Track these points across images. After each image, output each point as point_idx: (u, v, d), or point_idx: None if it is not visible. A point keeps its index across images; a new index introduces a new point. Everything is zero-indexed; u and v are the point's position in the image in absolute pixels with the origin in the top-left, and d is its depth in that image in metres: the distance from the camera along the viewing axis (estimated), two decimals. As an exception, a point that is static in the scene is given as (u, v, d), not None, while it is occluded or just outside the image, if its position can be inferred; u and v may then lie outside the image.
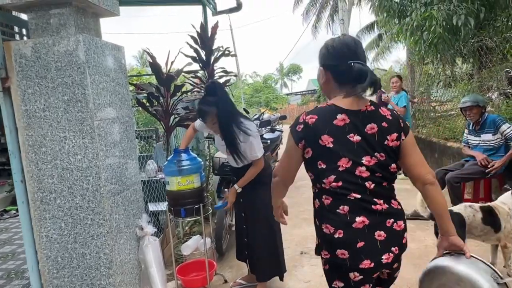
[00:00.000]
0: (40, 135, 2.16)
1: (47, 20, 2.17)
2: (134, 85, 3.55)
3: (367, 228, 1.33)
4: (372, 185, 1.34)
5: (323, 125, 1.32)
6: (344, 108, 1.33)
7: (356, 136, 1.32)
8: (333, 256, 1.37)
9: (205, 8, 7.16)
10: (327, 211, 1.38)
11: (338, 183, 1.33)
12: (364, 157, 1.33)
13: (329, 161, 1.34)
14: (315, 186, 1.43)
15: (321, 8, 21.05)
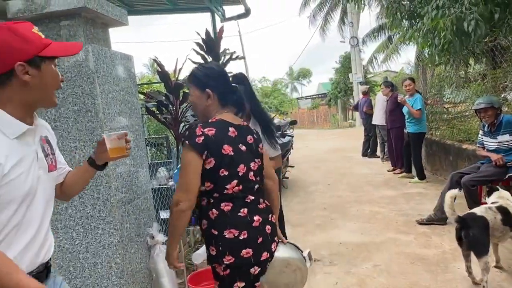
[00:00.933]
0: (51, 146, 2.18)
1: (57, 32, 2.20)
2: (144, 94, 3.57)
3: (261, 225, 1.54)
4: (257, 186, 1.59)
5: (222, 136, 1.49)
6: (232, 123, 1.56)
7: (243, 146, 1.55)
8: (238, 258, 1.48)
9: (213, 15, 7.21)
10: (229, 217, 1.51)
11: (239, 187, 1.51)
12: (251, 163, 1.56)
13: (231, 168, 1.50)
14: (212, 196, 1.52)
15: (329, 10, 21.00)
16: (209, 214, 1.51)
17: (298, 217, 4.60)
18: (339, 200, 5.23)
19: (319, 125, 27.46)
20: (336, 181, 6.44)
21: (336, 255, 3.37)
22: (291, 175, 7.09)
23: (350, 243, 3.62)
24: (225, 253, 1.47)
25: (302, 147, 12.28)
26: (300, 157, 9.75)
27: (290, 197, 5.65)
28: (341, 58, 22.97)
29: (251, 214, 1.51)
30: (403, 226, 3.93)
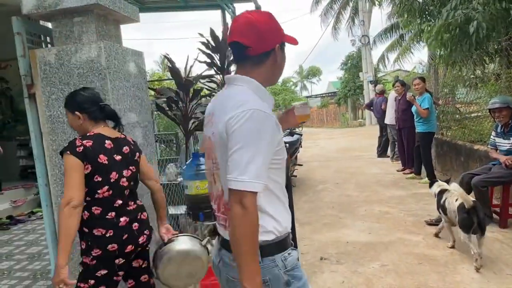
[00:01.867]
0: (63, 140, 2.22)
1: (70, 28, 2.23)
2: (154, 90, 3.61)
3: (128, 224, 1.81)
4: (128, 191, 1.86)
5: (99, 147, 1.75)
6: (108, 136, 1.82)
7: (118, 156, 1.81)
8: (104, 251, 1.75)
9: (224, 13, 7.22)
10: (98, 219, 1.76)
11: (109, 192, 1.77)
12: (124, 170, 1.83)
13: (104, 175, 1.75)
14: (85, 199, 1.73)
15: (340, 9, 20.84)
16: (83, 214, 1.74)
17: (306, 216, 4.59)
18: (348, 199, 5.20)
19: (328, 124, 27.32)
20: (345, 180, 6.41)
21: (343, 254, 3.36)
22: (300, 173, 7.08)
23: (358, 242, 3.61)
24: (93, 247, 1.75)
25: (311, 145, 12.24)
26: (309, 156, 9.73)
27: (299, 195, 5.64)
28: (347, 58, 22.80)
29: (118, 216, 1.80)
30: (412, 227, 3.90)
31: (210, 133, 1.29)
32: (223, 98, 1.29)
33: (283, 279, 1.21)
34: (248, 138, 1.11)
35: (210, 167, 1.34)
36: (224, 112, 1.19)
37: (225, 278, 1.30)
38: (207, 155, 1.36)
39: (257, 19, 1.24)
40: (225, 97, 1.29)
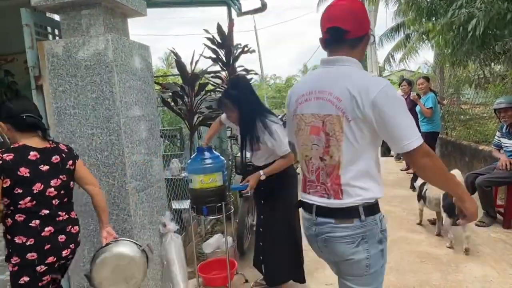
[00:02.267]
0: (70, 132, 2.24)
1: (78, 21, 2.25)
2: (160, 84, 3.62)
3: (52, 234, 1.81)
4: (56, 201, 1.85)
5: (20, 160, 1.75)
6: (34, 147, 1.81)
7: (45, 166, 1.81)
8: (23, 259, 1.76)
9: (230, 9, 7.21)
10: (20, 226, 1.77)
11: (32, 202, 1.77)
12: (52, 180, 1.83)
13: (26, 187, 1.76)
14: (9, 208, 1.77)
15: (346, 8, 20.72)
16: (6, 221, 1.79)
17: (309, 213, 4.59)
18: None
19: (332, 123, 27.24)
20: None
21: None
22: (303, 171, 7.07)
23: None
24: (13, 254, 1.77)
25: (315, 144, 12.22)
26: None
27: (301, 193, 5.65)
28: None
29: (42, 226, 1.79)
30: (415, 225, 3.89)
31: (325, 109, 1.37)
32: (337, 75, 1.38)
33: (378, 237, 1.45)
34: (400, 109, 1.32)
35: (313, 142, 1.43)
36: (358, 90, 1.30)
37: (322, 240, 1.47)
38: (311, 130, 1.43)
39: (356, 6, 1.39)
40: (338, 74, 1.38)
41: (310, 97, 1.43)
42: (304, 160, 1.50)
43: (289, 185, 2.61)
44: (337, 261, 1.49)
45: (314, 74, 1.54)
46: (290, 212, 2.57)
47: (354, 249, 1.41)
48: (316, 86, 1.42)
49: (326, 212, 1.44)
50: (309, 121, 1.43)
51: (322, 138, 1.40)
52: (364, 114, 1.30)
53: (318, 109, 1.40)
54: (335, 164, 1.39)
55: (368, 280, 1.47)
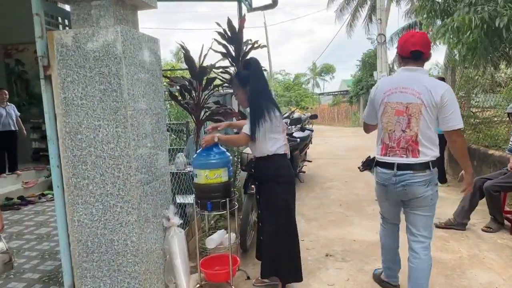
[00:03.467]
0: (77, 123, 2.24)
1: (88, 11, 2.24)
2: (168, 78, 3.61)
3: None
4: None
5: None
6: None
7: None
8: None
9: (240, 5, 7.16)
10: None
11: None
12: None
13: None
14: None
15: (357, 6, 20.54)
16: None
17: (313, 212, 4.58)
18: (356, 198, 5.17)
19: (339, 122, 27.12)
20: (354, 179, 6.35)
21: (349, 252, 3.34)
22: (308, 169, 7.05)
23: (364, 241, 3.58)
24: None
25: (321, 142, 12.17)
26: (318, 153, 9.68)
27: (306, 191, 5.62)
28: (364, 56, 22.54)
29: None
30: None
31: (401, 98, 2.21)
32: (416, 78, 2.20)
33: (436, 181, 2.28)
34: (455, 104, 2.17)
35: (397, 120, 2.24)
36: (432, 88, 2.15)
37: (402, 185, 2.25)
38: (396, 112, 2.23)
39: (427, 37, 2.26)
40: (417, 77, 2.20)
41: (396, 90, 2.23)
42: (388, 133, 2.29)
43: (284, 188, 2.57)
44: (411, 199, 2.28)
45: (397, 76, 2.35)
46: (284, 213, 2.56)
47: (425, 189, 2.22)
48: (400, 84, 2.22)
49: (405, 166, 2.23)
50: (394, 106, 2.23)
51: (404, 117, 2.21)
52: (435, 103, 2.13)
53: (402, 99, 2.20)
54: (413, 134, 2.20)
55: (430, 209, 2.33)
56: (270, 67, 22.78)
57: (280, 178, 2.54)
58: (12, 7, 7.00)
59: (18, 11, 6.79)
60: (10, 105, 6.22)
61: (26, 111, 7.53)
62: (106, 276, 2.34)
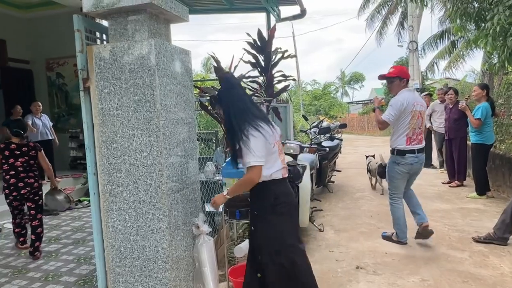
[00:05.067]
0: (112, 132, 2.33)
1: (124, 26, 2.35)
2: (198, 88, 3.70)
3: (15, 182, 3.74)
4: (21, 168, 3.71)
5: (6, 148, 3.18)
6: (14, 142, 3.35)
7: (18, 151, 3.67)
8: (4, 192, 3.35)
9: (269, 16, 7.26)
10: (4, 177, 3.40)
11: (7, 167, 3.69)
12: (19, 158, 3.56)
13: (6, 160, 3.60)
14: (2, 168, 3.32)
15: (388, 13, 20.20)
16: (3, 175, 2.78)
17: (342, 222, 4.48)
18: (387, 209, 4.98)
19: (369, 131, 26.56)
20: (385, 190, 6.18)
21: (380, 265, 3.24)
22: (337, 179, 6.93)
23: (397, 254, 3.46)
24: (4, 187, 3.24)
25: (351, 152, 11.95)
26: (348, 162, 9.50)
27: (335, 201, 5.52)
28: (395, 64, 22.04)
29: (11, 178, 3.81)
30: (457, 243, 3.67)
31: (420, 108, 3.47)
32: (416, 95, 3.58)
33: None
34: None
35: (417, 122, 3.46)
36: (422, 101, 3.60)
37: (420, 163, 3.57)
38: (417, 116, 3.43)
39: None
40: (416, 94, 3.60)
41: (417, 103, 3.45)
42: (412, 130, 3.44)
43: (285, 219, 2.18)
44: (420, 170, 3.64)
45: (409, 94, 3.48)
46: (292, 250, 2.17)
47: None
48: (415, 99, 3.49)
49: (421, 150, 3.52)
50: (417, 113, 3.43)
51: (420, 120, 3.46)
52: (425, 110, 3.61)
53: (419, 108, 3.45)
54: (421, 130, 3.51)
55: None
56: (298, 76, 22.78)
57: (279, 208, 2.15)
58: (54, 24, 7.46)
59: (59, 27, 7.23)
60: (44, 115, 6.57)
61: (65, 122, 7.94)
62: (138, 281, 2.40)
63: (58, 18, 7.28)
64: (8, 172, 3.77)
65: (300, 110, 22.31)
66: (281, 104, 7.59)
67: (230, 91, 2.21)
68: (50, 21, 7.58)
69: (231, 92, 2.20)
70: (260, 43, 3.58)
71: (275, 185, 2.16)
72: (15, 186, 3.74)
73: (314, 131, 6.31)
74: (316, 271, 3.14)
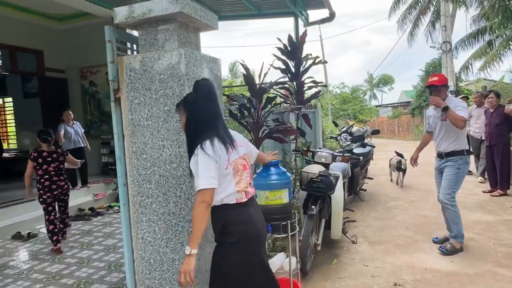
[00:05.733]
0: (142, 143, 2.31)
1: (154, 36, 2.33)
2: (227, 96, 3.65)
3: (49, 185, 4.35)
4: (53, 173, 4.44)
5: (38, 156, 4.33)
6: (45, 150, 4.36)
7: (50, 158, 4.37)
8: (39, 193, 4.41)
9: (297, 20, 7.16)
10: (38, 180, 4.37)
11: (42, 172, 4.35)
12: (52, 164, 4.40)
13: (40, 166, 4.37)
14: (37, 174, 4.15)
15: (419, 14, 19.57)
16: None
17: (377, 234, 4.28)
18: (425, 220, 4.75)
19: (400, 135, 25.73)
20: (421, 199, 5.89)
21: (420, 282, 3.03)
22: (369, 187, 6.69)
23: (437, 270, 3.24)
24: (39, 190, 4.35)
25: (382, 157, 11.56)
26: (380, 169, 9.19)
27: (368, 211, 5.31)
28: (426, 66, 21.27)
29: (45, 181, 4.32)
30: (505, 259, 3.39)
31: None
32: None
33: None
34: None
35: None
36: None
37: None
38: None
39: None
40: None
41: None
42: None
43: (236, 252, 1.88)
44: None
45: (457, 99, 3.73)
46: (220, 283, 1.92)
47: None
48: None
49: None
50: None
51: None
52: None
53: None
54: None
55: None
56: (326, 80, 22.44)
57: (228, 238, 1.88)
58: (87, 33, 7.71)
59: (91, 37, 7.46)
60: (76, 123, 6.74)
61: (97, 128, 8.16)
62: (167, 295, 2.35)
63: (91, 28, 7.51)
64: (42, 176, 4.31)
65: (328, 114, 21.95)
66: (310, 109, 7.44)
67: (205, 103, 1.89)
68: (83, 31, 7.85)
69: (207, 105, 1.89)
70: (290, 48, 3.48)
71: (225, 211, 1.87)
72: (49, 188, 4.31)
73: (344, 136, 6.11)
74: (350, 287, 3.00)
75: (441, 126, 3.65)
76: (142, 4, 2.23)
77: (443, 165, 3.73)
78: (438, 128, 3.71)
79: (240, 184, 1.88)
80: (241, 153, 1.94)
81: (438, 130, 3.73)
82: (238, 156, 1.91)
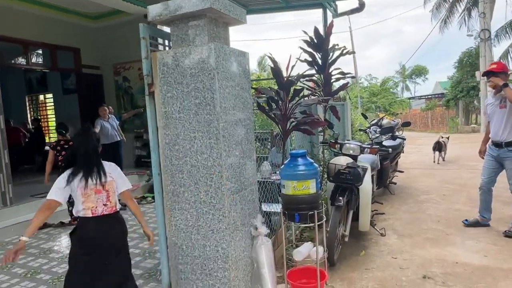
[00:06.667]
0: (175, 134, 2.42)
1: (185, 32, 2.42)
2: (255, 89, 3.71)
3: None
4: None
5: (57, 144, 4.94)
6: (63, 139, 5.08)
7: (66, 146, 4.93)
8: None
9: (325, 11, 7.08)
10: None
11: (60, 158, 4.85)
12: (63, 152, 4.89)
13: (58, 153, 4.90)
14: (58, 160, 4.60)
15: (454, 1, 18.69)
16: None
17: (406, 227, 4.22)
18: (457, 214, 4.63)
19: (433, 128, 24.82)
20: (454, 192, 5.72)
21: (451, 276, 2.99)
22: (400, 180, 6.56)
23: (469, 264, 3.17)
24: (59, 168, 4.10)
25: (414, 151, 11.27)
26: (410, 162, 8.98)
27: (398, 204, 5.23)
28: (462, 55, 20.32)
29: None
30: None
31: None
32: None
33: None
34: None
35: None
36: None
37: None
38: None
39: None
40: None
41: None
42: None
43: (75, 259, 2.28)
44: None
45: None
46: None
47: None
48: None
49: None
50: None
51: None
52: None
53: None
54: None
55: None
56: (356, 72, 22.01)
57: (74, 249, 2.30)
58: (120, 31, 8.01)
59: (124, 34, 7.75)
60: (111, 116, 6.99)
61: (130, 122, 8.48)
62: (199, 279, 2.47)
63: (124, 25, 7.81)
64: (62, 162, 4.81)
65: (357, 107, 21.53)
66: (338, 102, 7.37)
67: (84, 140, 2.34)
68: (117, 28, 8.16)
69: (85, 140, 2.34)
70: (317, 40, 3.48)
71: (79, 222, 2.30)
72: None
73: (374, 129, 6.02)
74: (377, 278, 3.01)
75: (499, 114, 3.54)
76: (174, 1, 2.32)
77: (503, 154, 3.66)
78: (496, 116, 3.61)
79: (93, 201, 2.29)
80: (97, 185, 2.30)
81: (496, 118, 3.62)
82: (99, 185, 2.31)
